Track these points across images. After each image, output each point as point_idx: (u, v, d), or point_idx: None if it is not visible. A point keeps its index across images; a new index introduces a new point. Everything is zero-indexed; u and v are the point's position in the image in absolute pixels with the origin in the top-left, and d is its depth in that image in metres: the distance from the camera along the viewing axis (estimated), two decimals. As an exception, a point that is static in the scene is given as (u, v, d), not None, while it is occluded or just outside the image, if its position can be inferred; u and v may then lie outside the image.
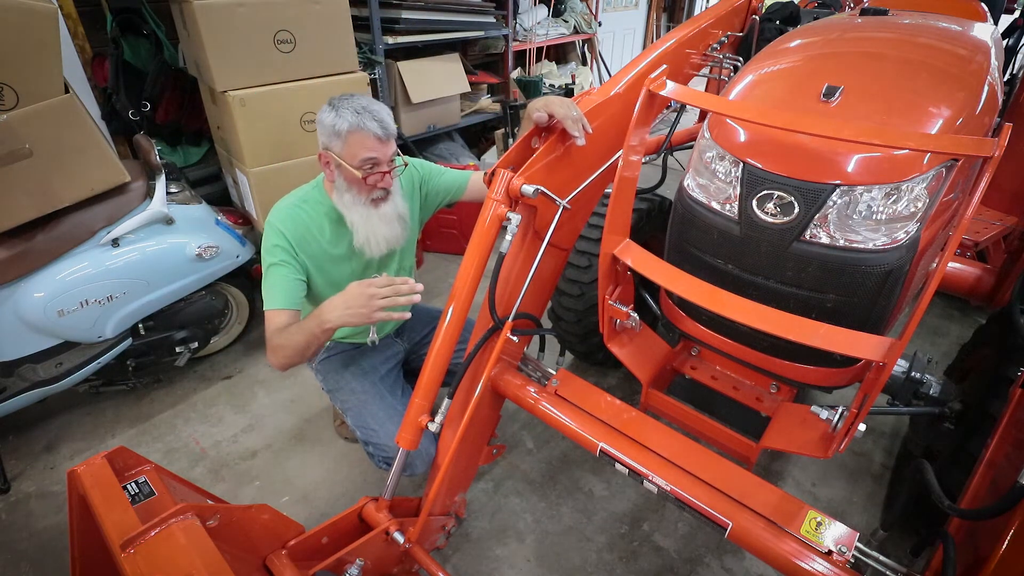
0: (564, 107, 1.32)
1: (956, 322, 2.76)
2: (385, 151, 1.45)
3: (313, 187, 1.58)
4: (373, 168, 1.45)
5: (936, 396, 1.47)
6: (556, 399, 1.41)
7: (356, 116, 1.39)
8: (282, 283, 1.47)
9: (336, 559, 1.19)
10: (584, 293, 1.92)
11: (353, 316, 1.31)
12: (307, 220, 1.53)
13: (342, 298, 1.33)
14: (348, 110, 1.40)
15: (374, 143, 1.42)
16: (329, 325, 1.33)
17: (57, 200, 1.72)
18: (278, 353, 1.41)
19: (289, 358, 1.41)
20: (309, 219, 1.53)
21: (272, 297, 1.46)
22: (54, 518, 1.78)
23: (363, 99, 1.44)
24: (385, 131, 1.43)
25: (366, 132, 1.40)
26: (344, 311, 1.31)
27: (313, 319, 1.35)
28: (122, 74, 2.37)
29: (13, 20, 1.48)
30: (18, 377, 1.87)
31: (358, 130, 1.40)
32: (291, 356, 1.40)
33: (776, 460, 2.01)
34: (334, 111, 1.41)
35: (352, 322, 1.32)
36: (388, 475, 1.38)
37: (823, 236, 1.17)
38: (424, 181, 1.73)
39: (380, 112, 1.43)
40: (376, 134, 1.41)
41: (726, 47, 2.18)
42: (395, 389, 1.71)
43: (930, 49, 1.50)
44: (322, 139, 1.45)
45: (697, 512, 1.16)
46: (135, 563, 0.89)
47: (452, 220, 3.18)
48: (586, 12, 4.74)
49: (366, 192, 1.48)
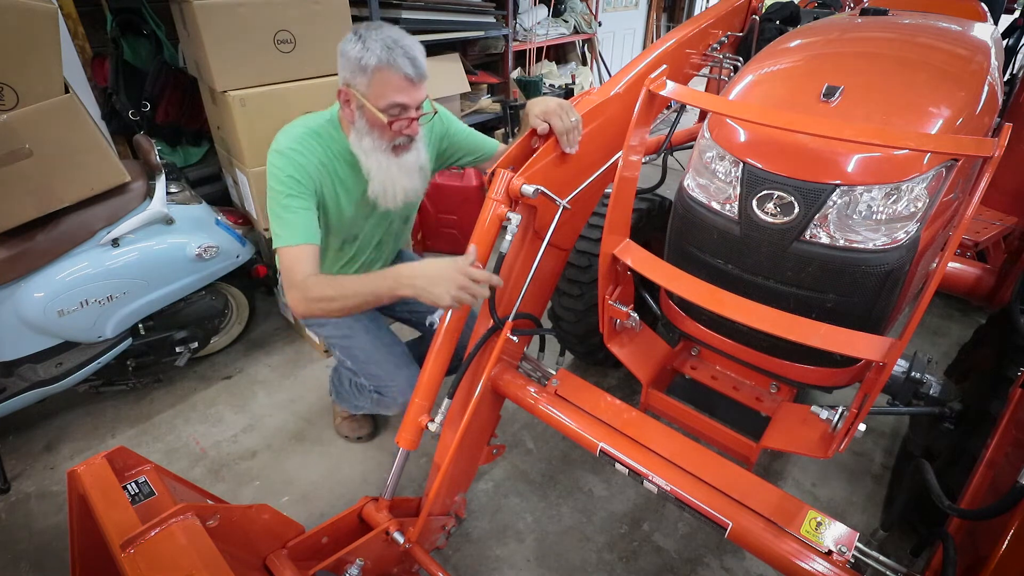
0: (561, 119, 1.30)
1: (956, 322, 2.76)
2: (416, 95, 1.30)
3: (328, 122, 1.42)
4: (400, 114, 1.30)
5: (936, 396, 1.47)
6: (556, 399, 1.41)
7: (387, 51, 1.23)
8: (301, 216, 1.32)
9: (336, 559, 1.19)
10: (584, 293, 1.92)
11: (435, 294, 1.16)
12: (322, 156, 1.38)
13: (433, 269, 1.17)
14: (377, 43, 1.23)
15: (404, 85, 1.26)
16: (404, 292, 1.20)
17: (57, 200, 1.72)
18: (320, 303, 1.26)
19: (330, 311, 1.28)
20: (324, 156, 1.38)
21: (291, 231, 1.30)
22: (54, 518, 1.78)
23: (394, 31, 1.27)
24: (418, 72, 1.27)
25: (396, 71, 1.24)
26: (427, 284, 1.16)
27: (385, 279, 1.22)
28: (122, 74, 2.38)
29: (13, 20, 1.48)
30: (18, 377, 1.87)
31: (388, 68, 1.23)
32: (335, 309, 1.27)
33: (776, 460, 2.01)
34: (360, 42, 1.24)
35: (428, 298, 1.17)
36: (388, 475, 1.38)
37: (823, 236, 1.17)
38: (446, 135, 1.60)
39: (413, 49, 1.27)
40: (407, 74, 1.25)
41: (726, 47, 2.18)
42: (382, 328, 1.68)
43: (930, 49, 1.50)
44: (344, 74, 1.30)
45: (697, 512, 1.16)
46: (135, 563, 0.89)
47: (452, 220, 3.18)
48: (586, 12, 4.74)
49: (388, 138, 1.34)
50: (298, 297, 1.29)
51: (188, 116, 2.61)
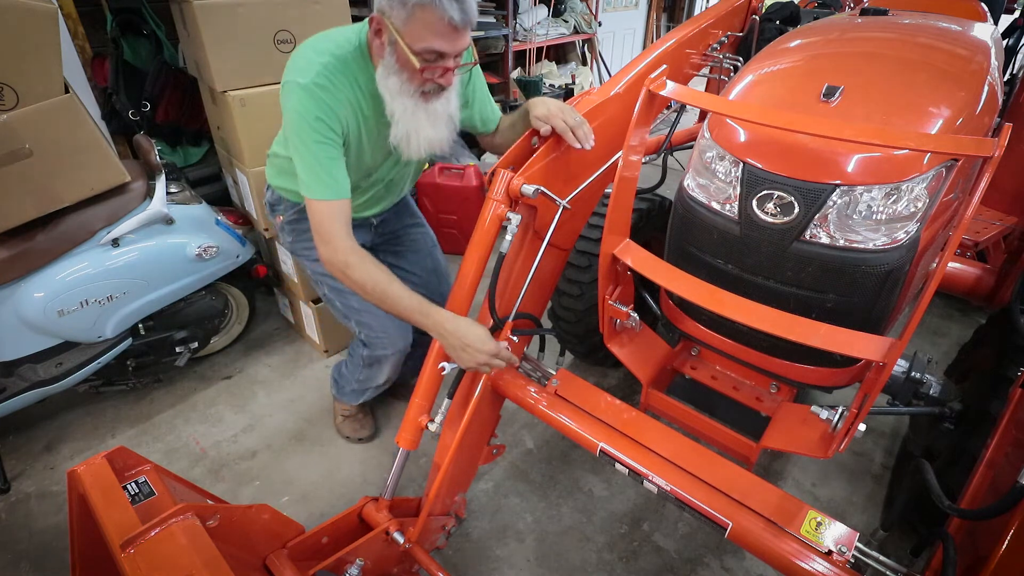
0: (564, 120, 1.28)
1: (956, 322, 2.76)
2: (458, 43, 1.17)
3: (356, 49, 1.27)
4: (436, 61, 1.18)
5: (936, 396, 1.47)
6: (556, 399, 1.41)
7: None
8: (335, 168, 1.23)
9: (336, 559, 1.19)
10: (584, 293, 1.92)
11: (460, 357, 1.20)
12: (350, 94, 1.24)
13: (471, 337, 1.18)
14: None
15: (446, 30, 1.13)
16: (433, 335, 1.22)
17: (57, 200, 1.72)
18: (354, 284, 1.23)
19: (354, 289, 1.24)
20: (352, 93, 1.25)
21: (324, 185, 1.21)
22: (54, 518, 1.78)
23: None
24: (464, 17, 1.13)
25: (440, 12, 1.10)
26: (459, 347, 1.19)
27: (425, 317, 1.21)
28: (122, 74, 2.38)
29: (13, 20, 1.48)
30: (18, 377, 1.87)
31: (431, 7, 1.10)
32: (359, 293, 1.24)
33: (776, 460, 2.01)
34: None
35: (452, 354, 1.21)
36: (388, 475, 1.38)
37: (823, 236, 1.17)
38: (471, 91, 1.50)
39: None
40: (452, 19, 1.11)
41: (726, 47, 2.18)
42: None
43: (930, 49, 1.50)
44: (380, 1, 1.17)
45: (697, 512, 1.16)
46: (135, 563, 0.89)
47: (452, 220, 3.18)
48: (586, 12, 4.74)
49: (417, 82, 1.21)
50: (333, 260, 1.24)
51: (188, 116, 2.61)
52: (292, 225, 1.67)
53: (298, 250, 1.71)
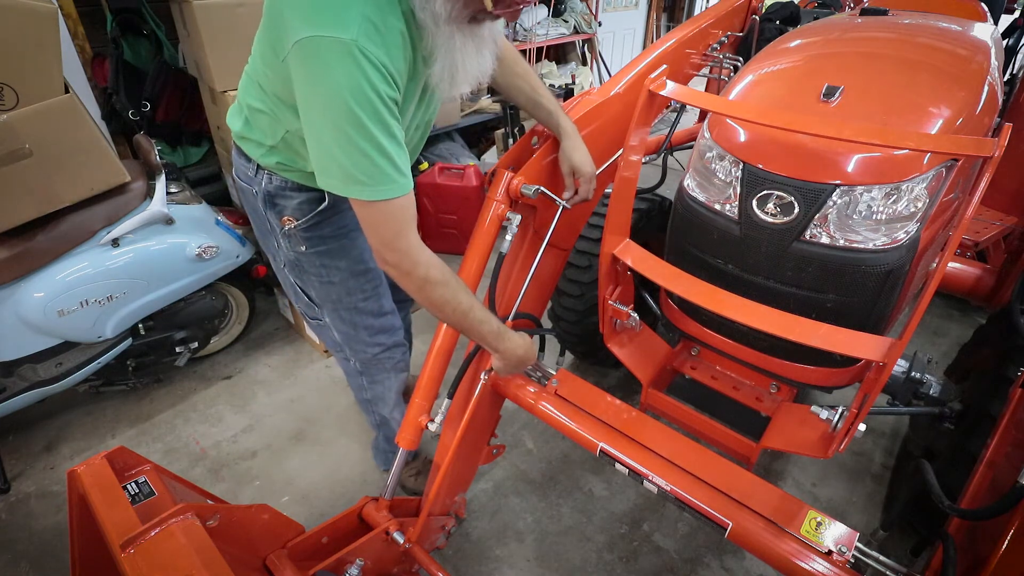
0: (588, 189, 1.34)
1: (956, 322, 2.76)
2: None
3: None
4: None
5: (936, 396, 1.47)
6: (556, 399, 1.41)
7: None
8: (398, 151, 0.98)
9: (336, 559, 1.19)
10: (584, 293, 1.92)
11: (503, 370, 1.29)
12: (393, 40, 0.96)
13: (529, 351, 1.27)
14: None
15: None
16: (492, 353, 1.25)
17: (57, 200, 1.72)
18: (431, 307, 1.09)
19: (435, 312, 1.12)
20: (395, 39, 0.97)
21: (388, 179, 0.97)
22: (54, 518, 1.78)
23: None
24: None
25: None
26: (510, 368, 1.28)
27: (497, 340, 1.20)
28: (122, 74, 2.38)
29: (13, 20, 1.48)
30: (18, 377, 1.87)
31: None
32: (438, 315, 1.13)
33: (776, 460, 2.01)
34: None
35: (498, 365, 1.28)
36: (388, 475, 1.38)
37: (823, 236, 1.17)
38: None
39: None
40: None
41: (726, 47, 2.18)
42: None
43: (930, 49, 1.50)
44: None
45: (697, 512, 1.16)
46: (135, 563, 0.89)
47: (452, 220, 3.18)
48: (586, 12, 4.73)
49: (471, 8, 0.97)
50: (412, 273, 1.04)
51: (188, 116, 2.61)
52: (308, 232, 1.27)
53: (310, 267, 1.32)
